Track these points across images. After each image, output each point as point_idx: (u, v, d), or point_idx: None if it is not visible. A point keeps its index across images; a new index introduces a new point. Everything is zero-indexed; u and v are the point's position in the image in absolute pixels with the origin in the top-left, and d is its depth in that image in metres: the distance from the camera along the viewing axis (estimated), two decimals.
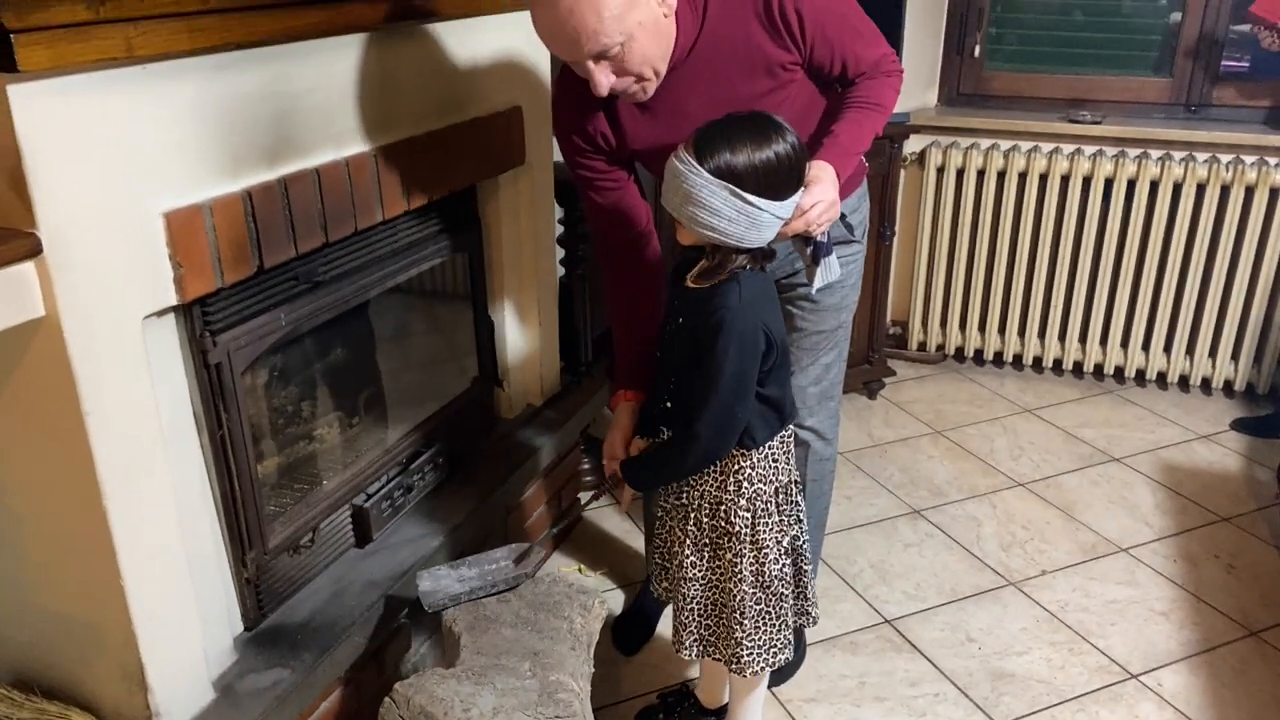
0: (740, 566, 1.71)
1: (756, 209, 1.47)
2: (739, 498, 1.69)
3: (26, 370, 1.32)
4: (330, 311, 1.86)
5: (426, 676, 1.55)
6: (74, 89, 1.25)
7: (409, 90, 1.89)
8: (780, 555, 1.73)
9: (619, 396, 1.87)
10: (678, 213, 1.50)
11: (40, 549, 1.47)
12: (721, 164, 1.44)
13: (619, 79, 1.59)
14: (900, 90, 1.82)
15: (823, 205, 1.59)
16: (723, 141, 1.45)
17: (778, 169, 1.48)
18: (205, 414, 1.62)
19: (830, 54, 1.72)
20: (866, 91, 1.76)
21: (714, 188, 1.45)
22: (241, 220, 1.53)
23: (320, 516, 1.92)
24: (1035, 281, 3.51)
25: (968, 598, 2.49)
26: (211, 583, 1.67)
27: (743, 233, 1.49)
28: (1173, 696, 2.16)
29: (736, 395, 1.59)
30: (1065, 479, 3.02)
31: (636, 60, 1.57)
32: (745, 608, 1.73)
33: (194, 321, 1.56)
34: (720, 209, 1.46)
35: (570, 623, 1.73)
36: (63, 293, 1.28)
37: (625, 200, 1.84)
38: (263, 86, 1.55)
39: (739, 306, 1.55)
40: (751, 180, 1.46)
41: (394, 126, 1.86)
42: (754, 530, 1.71)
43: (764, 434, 1.68)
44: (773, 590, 1.74)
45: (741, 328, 1.55)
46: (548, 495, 2.55)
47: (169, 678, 1.54)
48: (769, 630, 1.76)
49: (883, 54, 1.77)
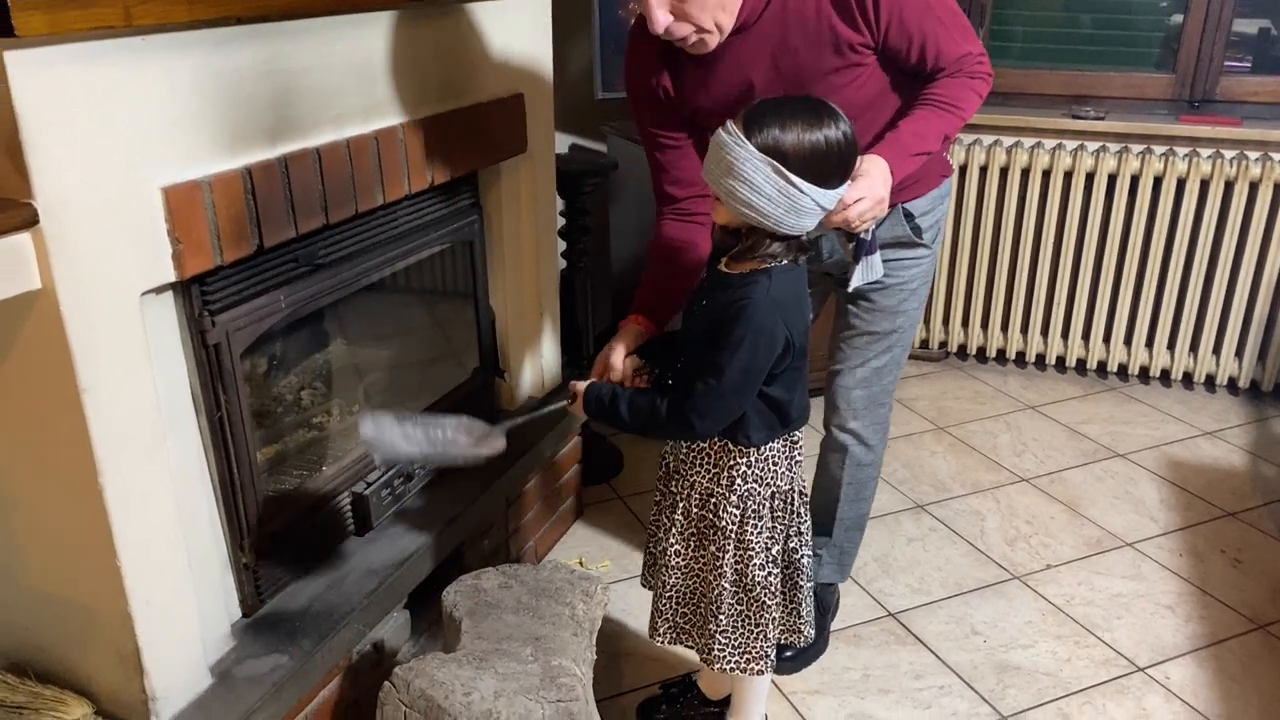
0: (722, 562, 1.68)
1: (799, 191, 1.42)
2: (730, 494, 1.66)
3: (23, 345, 1.30)
4: (330, 296, 1.84)
5: (427, 661, 1.53)
6: (72, 57, 1.23)
7: (409, 73, 1.87)
8: (767, 562, 1.69)
9: (628, 320, 1.82)
10: (717, 185, 1.46)
11: (35, 531, 1.45)
12: (769, 140, 1.41)
13: (677, 22, 1.58)
14: (984, 96, 1.73)
15: (869, 202, 1.55)
16: (774, 118, 1.42)
17: (826, 154, 1.44)
18: (203, 396, 1.60)
19: (907, 41, 1.66)
20: (944, 90, 1.70)
21: (757, 162, 1.40)
22: (241, 198, 1.51)
23: (320, 503, 1.90)
24: (1038, 278, 3.50)
25: (972, 591, 2.46)
26: (209, 568, 1.65)
27: (781, 215, 1.45)
28: (1180, 689, 2.14)
29: (739, 389, 1.54)
30: (1069, 474, 3.00)
31: (697, 4, 1.55)
32: (722, 603, 1.70)
33: (192, 301, 1.54)
34: (761, 185, 1.41)
35: (572, 609, 1.71)
36: (59, 265, 1.26)
37: (682, 160, 1.83)
38: (263, 63, 1.54)
39: (765, 301, 1.51)
40: (797, 161, 1.42)
41: (394, 109, 1.84)
42: (741, 529, 1.67)
43: (761, 434, 1.64)
44: (754, 595, 1.70)
45: (762, 323, 1.51)
46: (548, 489, 2.53)
47: (166, 662, 1.51)
48: (744, 634, 1.73)
49: (968, 52, 1.70)
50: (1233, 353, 3.39)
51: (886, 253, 1.93)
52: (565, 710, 1.46)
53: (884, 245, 1.92)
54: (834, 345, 2.08)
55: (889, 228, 1.91)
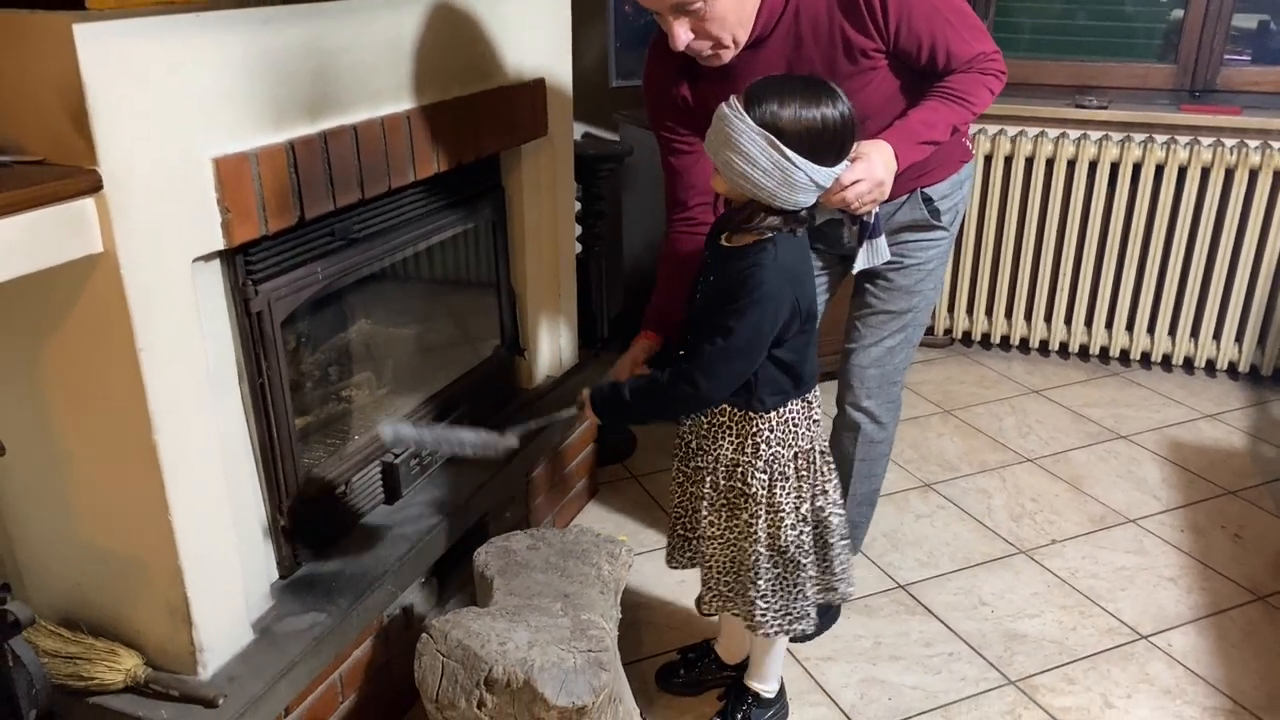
0: (756, 527, 1.74)
1: (793, 165, 1.48)
2: (756, 459, 1.71)
3: (84, 306, 1.37)
4: (363, 270, 1.91)
5: (462, 614, 1.60)
6: (135, 31, 1.29)
7: (439, 56, 1.94)
8: (798, 521, 1.75)
9: (639, 336, 1.89)
10: (715, 156, 1.52)
11: (90, 486, 1.51)
12: (767, 114, 1.47)
13: (697, 39, 1.64)
14: (996, 92, 1.79)
15: (867, 184, 1.59)
16: (773, 93, 1.48)
17: (822, 132, 1.49)
18: (245, 362, 1.66)
19: (916, 43, 1.71)
20: (955, 83, 1.75)
21: (754, 134, 1.46)
22: (285, 170, 1.58)
23: (352, 471, 1.96)
24: (1042, 265, 3.56)
25: (979, 565, 2.53)
26: (251, 529, 1.72)
27: (775, 188, 1.50)
28: (1183, 656, 2.21)
29: (745, 353, 1.59)
30: (1073, 455, 3.06)
31: (716, 22, 1.62)
32: (760, 569, 1.76)
33: (237, 270, 1.60)
34: (756, 157, 1.47)
35: (598, 569, 1.77)
36: (120, 230, 1.32)
37: (696, 165, 1.88)
38: (305, 42, 1.60)
39: (773, 266, 1.56)
40: (793, 136, 1.47)
41: (425, 90, 1.91)
42: (771, 492, 1.73)
43: (774, 399, 1.68)
44: (789, 556, 1.76)
45: (771, 286, 1.56)
46: (567, 464, 2.59)
47: (212, 616, 1.58)
48: (784, 597, 1.79)
49: (980, 51, 1.75)
50: (1233, 338, 3.46)
51: (906, 234, 2.00)
52: (595, 659, 1.53)
53: (903, 227, 1.99)
54: (850, 324, 2.14)
55: (908, 211, 1.97)
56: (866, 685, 2.12)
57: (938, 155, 1.85)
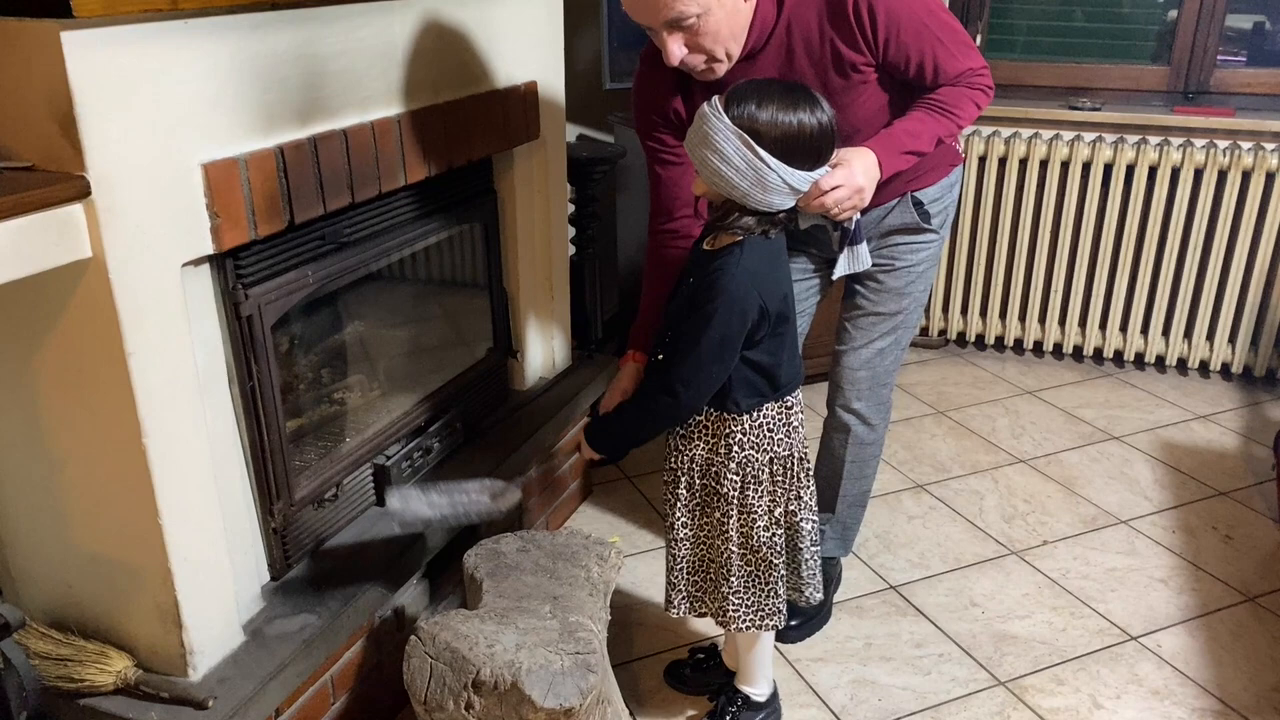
0: (727, 527, 1.75)
1: (766, 166, 1.49)
2: (729, 461, 1.72)
3: (73, 311, 1.38)
4: (354, 273, 1.91)
5: (451, 616, 1.61)
6: (122, 38, 1.30)
7: (431, 60, 1.95)
8: (771, 524, 1.76)
9: (626, 357, 1.91)
10: (693, 154, 1.54)
11: (80, 490, 1.52)
12: (745, 114, 1.48)
13: (690, 54, 1.65)
14: (983, 107, 1.80)
15: (846, 191, 1.61)
16: (753, 95, 1.49)
17: (798, 135, 1.51)
18: (236, 365, 1.67)
19: (905, 58, 1.73)
20: (942, 96, 1.77)
21: (729, 133, 1.48)
22: (274, 175, 1.59)
23: (344, 473, 1.97)
24: (1035, 266, 3.57)
25: (970, 566, 2.54)
26: (241, 531, 1.73)
27: (748, 188, 1.51)
28: (1172, 657, 2.22)
29: (717, 356, 1.60)
30: (1066, 456, 3.07)
31: (709, 37, 1.62)
32: (732, 565, 1.77)
33: (227, 274, 1.61)
34: (730, 156, 1.49)
35: (588, 571, 1.78)
36: (109, 235, 1.33)
37: (684, 177, 1.88)
38: (294, 47, 1.61)
39: (738, 271, 1.58)
40: (769, 138, 1.49)
41: (416, 94, 1.92)
42: (743, 494, 1.74)
43: (749, 400, 1.69)
44: (761, 555, 1.77)
45: (735, 291, 1.57)
46: (559, 467, 2.60)
47: (203, 618, 1.59)
48: (757, 593, 1.80)
49: (969, 67, 1.77)
50: (1226, 339, 3.47)
51: (896, 237, 2.01)
52: (583, 661, 1.54)
53: (894, 230, 2.00)
54: (840, 326, 2.15)
55: (899, 214, 1.98)
56: (857, 686, 2.13)
57: (928, 159, 1.87)
